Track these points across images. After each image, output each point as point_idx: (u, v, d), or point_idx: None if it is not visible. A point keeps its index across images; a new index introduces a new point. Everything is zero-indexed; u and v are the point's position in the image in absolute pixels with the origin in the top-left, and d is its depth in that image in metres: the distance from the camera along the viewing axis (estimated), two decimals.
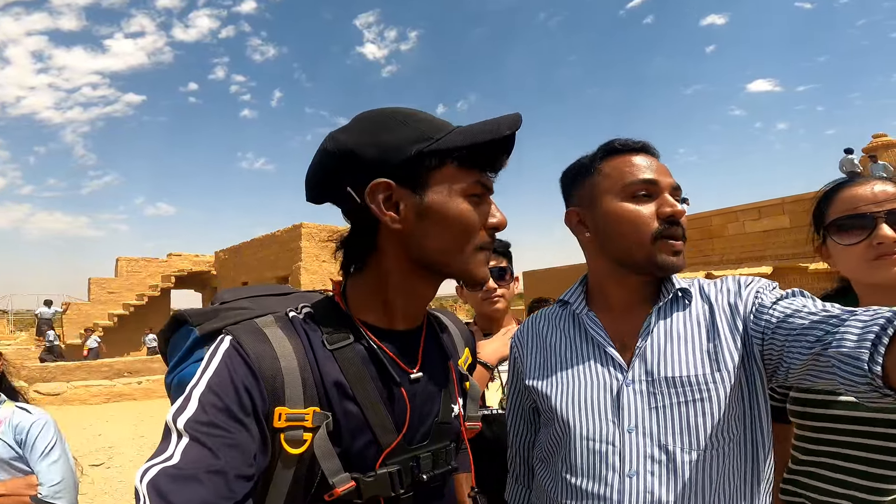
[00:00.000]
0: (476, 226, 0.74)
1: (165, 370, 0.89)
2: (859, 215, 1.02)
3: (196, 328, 0.85)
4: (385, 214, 0.71)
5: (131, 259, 19.98)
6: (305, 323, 0.76)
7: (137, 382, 10.64)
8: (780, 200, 9.21)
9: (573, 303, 1.02)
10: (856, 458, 1.00)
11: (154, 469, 0.58)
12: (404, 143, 0.71)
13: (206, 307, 0.92)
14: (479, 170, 0.74)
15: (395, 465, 0.72)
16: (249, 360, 0.67)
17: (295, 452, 0.67)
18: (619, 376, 0.91)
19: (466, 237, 0.73)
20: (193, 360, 0.83)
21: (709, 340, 0.90)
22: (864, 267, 1.02)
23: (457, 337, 0.95)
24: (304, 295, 0.96)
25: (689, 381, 0.86)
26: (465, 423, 0.87)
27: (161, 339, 0.95)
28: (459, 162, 0.72)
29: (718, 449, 0.85)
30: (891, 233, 0.98)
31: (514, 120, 0.73)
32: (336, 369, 0.72)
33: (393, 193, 0.71)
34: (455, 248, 0.73)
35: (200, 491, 0.57)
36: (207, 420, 0.62)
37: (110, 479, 5.38)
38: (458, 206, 0.72)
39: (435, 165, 0.71)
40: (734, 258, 9.54)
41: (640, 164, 0.94)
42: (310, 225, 14.61)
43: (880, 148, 12.88)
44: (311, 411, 0.68)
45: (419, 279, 0.77)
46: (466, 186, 0.73)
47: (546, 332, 1.05)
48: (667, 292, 0.95)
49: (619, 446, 0.87)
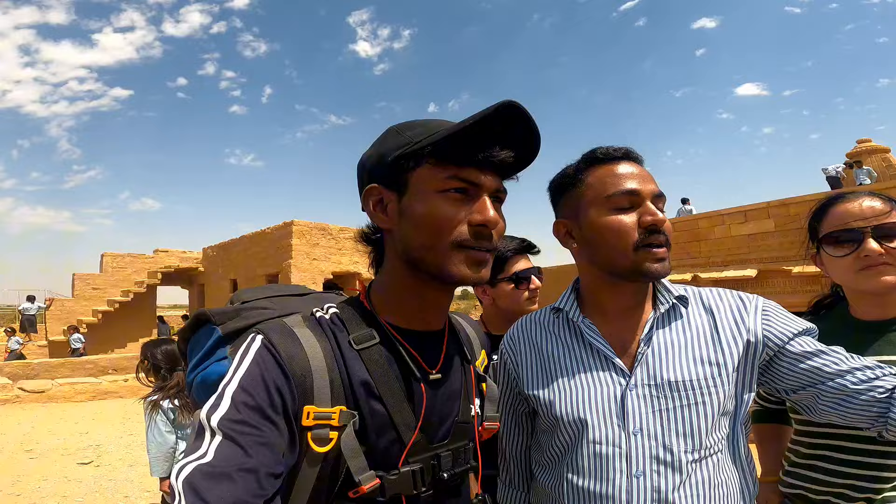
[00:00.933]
0: (449, 222, 0.72)
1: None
2: (848, 230, 1.12)
3: (219, 327, 0.86)
4: (375, 216, 0.78)
5: (117, 255, 19.66)
6: (333, 324, 0.78)
7: (123, 380, 10.49)
8: (765, 204, 9.37)
9: (568, 310, 1.04)
10: (856, 450, 1.09)
11: (189, 466, 0.60)
12: (390, 150, 0.76)
13: (227, 306, 0.93)
14: (456, 165, 0.72)
15: (417, 463, 0.75)
16: (281, 360, 0.69)
17: (321, 451, 0.69)
18: (623, 381, 0.94)
19: (438, 234, 0.72)
20: (216, 358, 0.84)
21: (709, 346, 0.94)
22: (852, 276, 1.12)
23: (475, 340, 0.98)
24: (321, 296, 0.98)
25: (692, 385, 0.91)
26: (484, 424, 0.90)
27: (181, 337, 0.96)
28: (435, 160, 0.73)
29: (717, 448, 0.91)
30: (876, 246, 1.07)
31: (493, 108, 0.69)
32: (363, 369, 0.74)
33: (383, 197, 0.77)
34: (428, 246, 0.73)
35: (233, 488, 0.58)
36: (240, 418, 0.63)
37: (99, 478, 5.31)
38: (428, 204, 0.73)
39: (412, 167, 0.74)
40: (720, 261, 9.69)
41: (623, 173, 0.96)
42: (301, 222, 14.50)
43: (864, 153, 13.13)
44: (338, 410, 0.70)
45: (415, 280, 0.78)
46: (440, 183, 0.73)
47: (541, 339, 1.06)
48: (665, 300, 0.98)
49: (626, 448, 0.90)
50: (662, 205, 0.98)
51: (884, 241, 1.08)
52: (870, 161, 12.73)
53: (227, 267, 17.21)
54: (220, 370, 0.76)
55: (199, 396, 0.83)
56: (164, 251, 20.59)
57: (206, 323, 0.90)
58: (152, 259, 20.20)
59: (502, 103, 0.70)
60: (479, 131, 0.71)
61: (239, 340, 0.76)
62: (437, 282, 0.76)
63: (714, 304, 0.99)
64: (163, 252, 20.52)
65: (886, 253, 1.07)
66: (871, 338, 1.13)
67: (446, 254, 0.73)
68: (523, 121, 0.74)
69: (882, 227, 1.08)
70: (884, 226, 1.08)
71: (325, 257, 14.79)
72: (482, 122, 0.70)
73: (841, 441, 1.11)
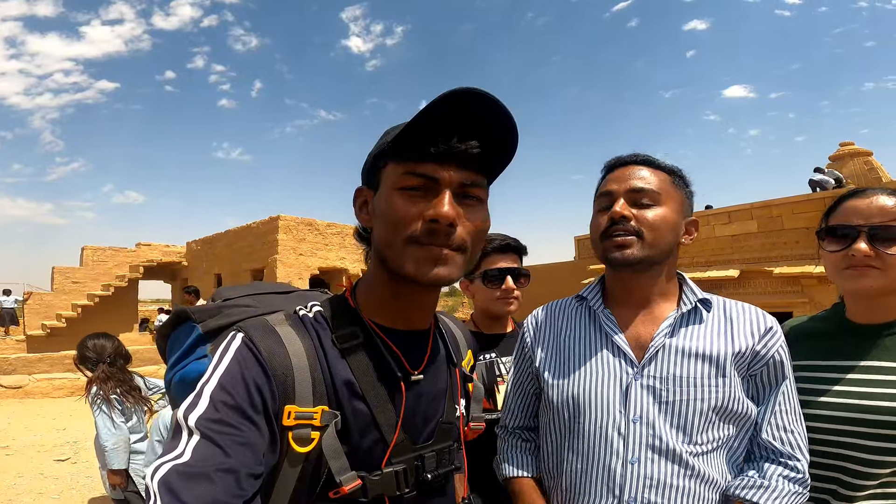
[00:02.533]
0: (402, 218, 0.70)
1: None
2: (846, 226, 1.08)
3: (199, 325, 0.84)
4: (359, 216, 0.81)
5: (98, 248, 19.24)
6: (316, 322, 0.77)
7: None
8: (749, 206, 9.51)
9: (590, 299, 1.11)
10: (842, 444, 1.06)
11: (165, 467, 0.58)
12: (373, 152, 0.78)
13: (207, 304, 0.91)
14: (413, 161, 0.70)
15: (400, 464, 0.74)
16: (262, 358, 0.67)
17: (302, 451, 0.68)
18: (630, 370, 0.99)
19: (393, 230, 0.71)
20: (196, 357, 0.83)
21: (720, 352, 0.98)
22: (837, 274, 1.10)
23: (460, 339, 0.97)
24: (305, 294, 0.97)
25: (692, 382, 0.95)
26: (470, 425, 0.90)
27: (160, 335, 0.94)
28: (394, 157, 0.73)
29: (712, 447, 0.95)
30: (864, 247, 1.03)
31: (438, 98, 0.66)
32: (346, 368, 0.73)
33: (367, 197, 0.79)
34: (387, 243, 0.73)
35: (211, 489, 0.57)
36: (219, 418, 0.62)
37: (77, 475, 5.23)
38: (386, 201, 0.73)
39: (382, 166, 0.76)
40: (703, 261, 9.82)
41: (609, 177, 1.09)
42: (287, 217, 14.34)
43: (847, 156, 13.38)
44: (320, 410, 0.69)
45: (389, 277, 0.76)
46: (396, 179, 0.72)
47: (563, 323, 1.12)
48: (688, 301, 1.03)
49: (625, 434, 0.95)
50: (641, 199, 1.02)
51: (878, 244, 1.03)
52: (852, 164, 12.99)
53: (212, 261, 16.98)
54: (200, 369, 0.75)
55: (178, 395, 0.81)
56: (147, 245, 20.21)
57: (185, 320, 0.88)
58: (134, 253, 19.82)
59: (450, 91, 0.65)
60: (434, 124, 0.67)
61: (219, 339, 0.75)
62: (401, 280, 0.73)
63: (735, 315, 1.03)
64: (145, 246, 20.14)
65: (876, 256, 1.03)
66: (867, 343, 1.10)
67: (402, 250, 0.71)
68: (488, 106, 0.68)
69: (880, 228, 1.03)
70: (883, 226, 1.03)
71: (312, 253, 14.67)
72: (430, 114, 0.67)
73: (826, 436, 1.08)
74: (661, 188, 1.03)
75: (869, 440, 1.03)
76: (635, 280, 1.04)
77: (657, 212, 1.01)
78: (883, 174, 12.45)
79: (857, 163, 13.13)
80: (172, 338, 0.90)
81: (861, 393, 1.05)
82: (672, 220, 1.02)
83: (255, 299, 0.90)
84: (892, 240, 1.03)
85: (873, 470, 1.02)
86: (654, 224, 1.00)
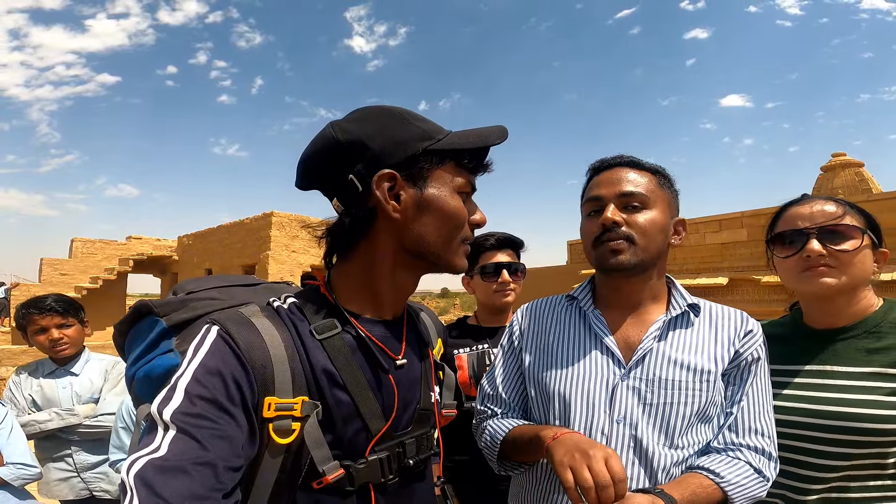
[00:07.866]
0: (465, 221, 0.81)
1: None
2: (795, 230, 1.12)
3: (163, 319, 0.80)
4: (389, 203, 0.76)
5: (87, 240, 19.03)
6: (291, 313, 0.77)
7: None
8: (739, 214, 9.60)
9: (581, 300, 1.11)
10: (792, 448, 1.08)
11: (141, 461, 0.58)
12: (411, 139, 0.76)
13: (170, 297, 0.87)
14: (470, 172, 0.82)
15: (383, 451, 0.75)
16: (239, 350, 0.67)
17: (283, 442, 0.68)
18: (617, 371, 1.00)
19: (457, 230, 0.80)
20: (160, 351, 0.79)
21: (705, 357, 1.00)
22: (795, 278, 1.12)
23: (430, 327, 0.99)
24: (272, 286, 0.95)
25: (676, 386, 0.96)
26: (443, 412, 0.92)
27: (118, 330, 0.88)
28: (457, 162, 0.79)
29: (690, 449, 0.97)
30: (818, 247, 1.07)
31: (501, 131, 0.82)
32: (325, 358, 0.73)
33: (396, 184, 0.76)
34: (447, 240, 0.79)
35: (189, 483, 0.57)
36: (195, 412, 0.62)
37: None
38: (453, 202, 0.78)
39: (436, 163, 0.77)
40: (693, 268, 9.90)
41: (596, 180, 1.10)
42: (280, 214, 14.28)
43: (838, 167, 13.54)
44: (300, 400, 0.69)
45: (405, 269, 0.81)
46: (460, 185, 0.80)
47: (551, 321, 1.13)
48: (678, 305, 1.05)
49: (608, 434, 0.96)
50: (632, 202, 1.03)
51: (829, 244, 1.07)
52: (843, 175, 13.13)
53: (203, 256, 16.86)
54: (166, 363, 0.74)
55: (142, 391, 0.78)
56: (138, 238, 20.02)
57: (147, 315, 0.83)
58: (124, 246, 19.63)
59: (504, 129, 0.83)
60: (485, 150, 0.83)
61: (187, 332, 0.74)
62: (435, 270, 0.82)
63: (719, 319, 1.05)
64: (136, 239, 19.95)
65: (829, 255, 1.06)
66: (818, 347, 1.13)
67: (457, 247, 0.82)
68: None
69: (827, 229, 1.07)
70: (829, 227, 1.07)
71: (305, 250, 14.61)
72: (489, 142, 0.81)
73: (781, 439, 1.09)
74: (649, 190, 1.04)
75: (818, 444, 1.05)
76: (626, 283, 1.06)
77: (647, 215, 1.02)
78: (873, 185, 12.59)
79: (848, 174, 13.27)
80: (133, 333, 0.85)
81: (813, 397, 1.08)
82: (661, 222, 1.04)
83: (220, 292, 0.88)
84: (840, 239, 1.07)
85: (822, 474, 1.04)
86: (645, 228, 1.01)
